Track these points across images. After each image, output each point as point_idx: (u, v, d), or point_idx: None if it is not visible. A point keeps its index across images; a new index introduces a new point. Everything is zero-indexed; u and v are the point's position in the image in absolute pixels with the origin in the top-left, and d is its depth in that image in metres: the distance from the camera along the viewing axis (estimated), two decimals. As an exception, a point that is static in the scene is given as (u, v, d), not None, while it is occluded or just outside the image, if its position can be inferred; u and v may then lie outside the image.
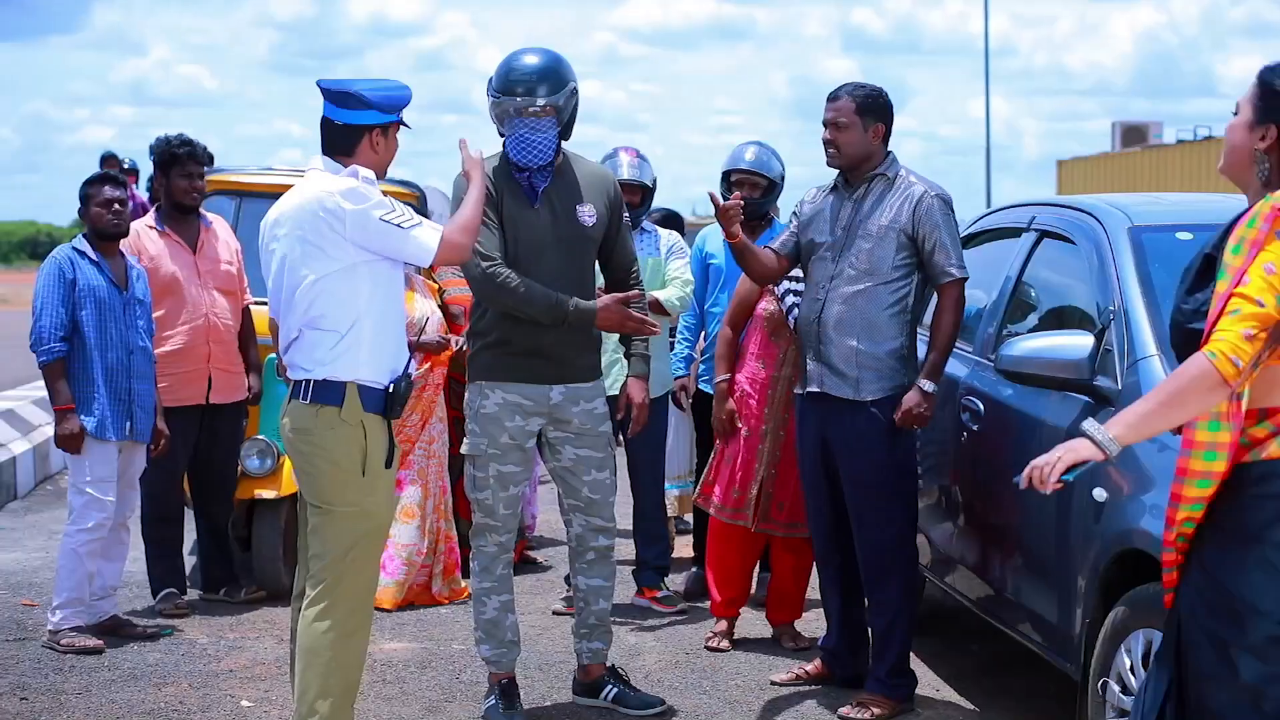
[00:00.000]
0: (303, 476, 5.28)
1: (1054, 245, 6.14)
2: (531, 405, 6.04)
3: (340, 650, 5.20)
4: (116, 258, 7.29)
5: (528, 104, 5.95)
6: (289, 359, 5.27)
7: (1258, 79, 4.03)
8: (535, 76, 5.98)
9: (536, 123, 5.96)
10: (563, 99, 5.99)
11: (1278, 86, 3.99)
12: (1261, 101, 4.01)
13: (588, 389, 6.15)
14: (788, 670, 6.70)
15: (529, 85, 5.98)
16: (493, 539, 6.15)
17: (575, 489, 6.20)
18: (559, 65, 6.03)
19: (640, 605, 7.95)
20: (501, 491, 6.09)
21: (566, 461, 6.16)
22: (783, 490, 6.97)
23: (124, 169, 19.14)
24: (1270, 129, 4.01)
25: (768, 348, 6.99)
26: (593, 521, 6.24)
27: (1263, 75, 4.03)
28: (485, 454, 6.07)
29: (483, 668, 6.45)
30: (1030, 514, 5.58)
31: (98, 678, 6.65)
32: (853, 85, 6.25)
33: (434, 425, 8.17)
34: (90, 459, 7.07)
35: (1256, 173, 4.06)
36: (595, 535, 6.26)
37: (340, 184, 5.14)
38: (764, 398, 6.96)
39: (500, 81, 6.01)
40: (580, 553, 6.30)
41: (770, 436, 6.95)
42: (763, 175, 7.89)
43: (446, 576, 8.10)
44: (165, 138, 7.89)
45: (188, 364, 7.73)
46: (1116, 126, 40.60)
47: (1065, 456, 3.94)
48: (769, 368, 6.97)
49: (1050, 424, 5.46)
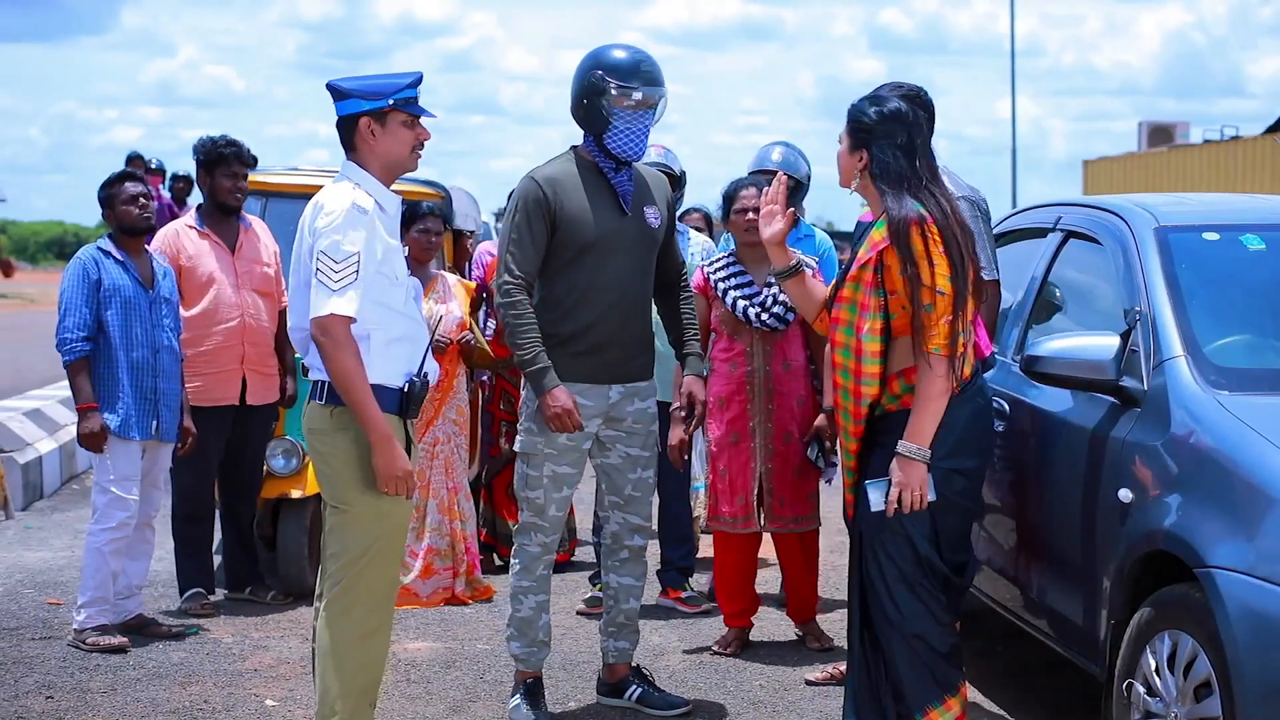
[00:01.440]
0: (321, 476, 5.29)
1: (1080, 245, 6.12)
2: (592, 406, 6.06)
3: (359, 650, 5.19)
4: (142, 256, 7.30)
5: (657, 94, 6.04)
6: (308, 360, 5.27)
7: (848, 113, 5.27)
8: (657, 67, 6.08)
9: (647, 115, 6.04)
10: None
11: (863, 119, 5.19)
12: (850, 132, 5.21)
13: (644, 387, 6.22)
14: (821, 670, 6.71)
15: (655, 75, 6.07)
16: (538, 539, 6.14)
17: (619, 486, 6.23)
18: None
19: (665, 605, 7.95)
20: (555, 492, 6.10)
21: (615, 459, 6.20)
22: (782, 485, 7.00)
23: (150, 169, 19.21)
24: (862, 154, 5.19)
25: (733, 347, 7.05)
26: (630, 520, 6.27)
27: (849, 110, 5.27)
28: (541, 453, 6.06)
29: (507, 667, 6.45)
30: (1055, 515, 5.56)
31: (123, 676, 6.67)
32: (892, 85, 6.23)
33: (439, 427, 8.17)
34: (114, 458, 7.09)
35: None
36: (631, 534, 6.29)
37: (333, 202, 5.12)
38: (745, 396, 7.00)
39: (630, 69, 6.02)
40: (614, 550, 6.32)
41: (760, 431, 6.99)
42: (790, 175, 7.88)
43: (468, 577, 8.10)
44: (210, 138, 7.91)
45: (223, 364, 7.75)
46: (1143, 126, 40.48)
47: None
48: (741, 365, 7.02)
49: (1076, 424, 5.44)
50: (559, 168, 6.07)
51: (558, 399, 5.88)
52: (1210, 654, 4.45)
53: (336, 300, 5.00)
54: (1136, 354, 5.22)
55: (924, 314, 4.99)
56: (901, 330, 5.08)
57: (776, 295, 6.92)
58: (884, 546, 5.14)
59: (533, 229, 5.94)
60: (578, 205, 5.99)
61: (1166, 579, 4.77)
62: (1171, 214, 5.77)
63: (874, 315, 5.08)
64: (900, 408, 5.14)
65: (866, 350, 5.10)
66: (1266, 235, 5.65)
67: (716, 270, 7.08)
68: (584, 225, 5.98)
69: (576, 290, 6.01)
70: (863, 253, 5.12)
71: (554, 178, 6.02)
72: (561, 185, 6.00)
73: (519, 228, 5.97)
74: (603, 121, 6.00)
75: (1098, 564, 5.22)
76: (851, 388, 5.16)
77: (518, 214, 5.99)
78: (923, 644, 5.15)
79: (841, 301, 5.18)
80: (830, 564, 8.64)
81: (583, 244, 5.98)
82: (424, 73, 5.28)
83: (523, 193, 6.01)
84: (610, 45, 6.11)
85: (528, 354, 5.89)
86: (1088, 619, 5.32)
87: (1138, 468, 5.01)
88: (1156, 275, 5.39)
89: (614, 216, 6.04)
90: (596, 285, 6.01)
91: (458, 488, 8.19)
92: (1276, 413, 4.77)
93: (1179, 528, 4.65)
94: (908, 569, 5.12)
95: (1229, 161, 29.05)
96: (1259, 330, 5.44)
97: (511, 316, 5.91)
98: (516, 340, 5.91)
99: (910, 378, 5.10)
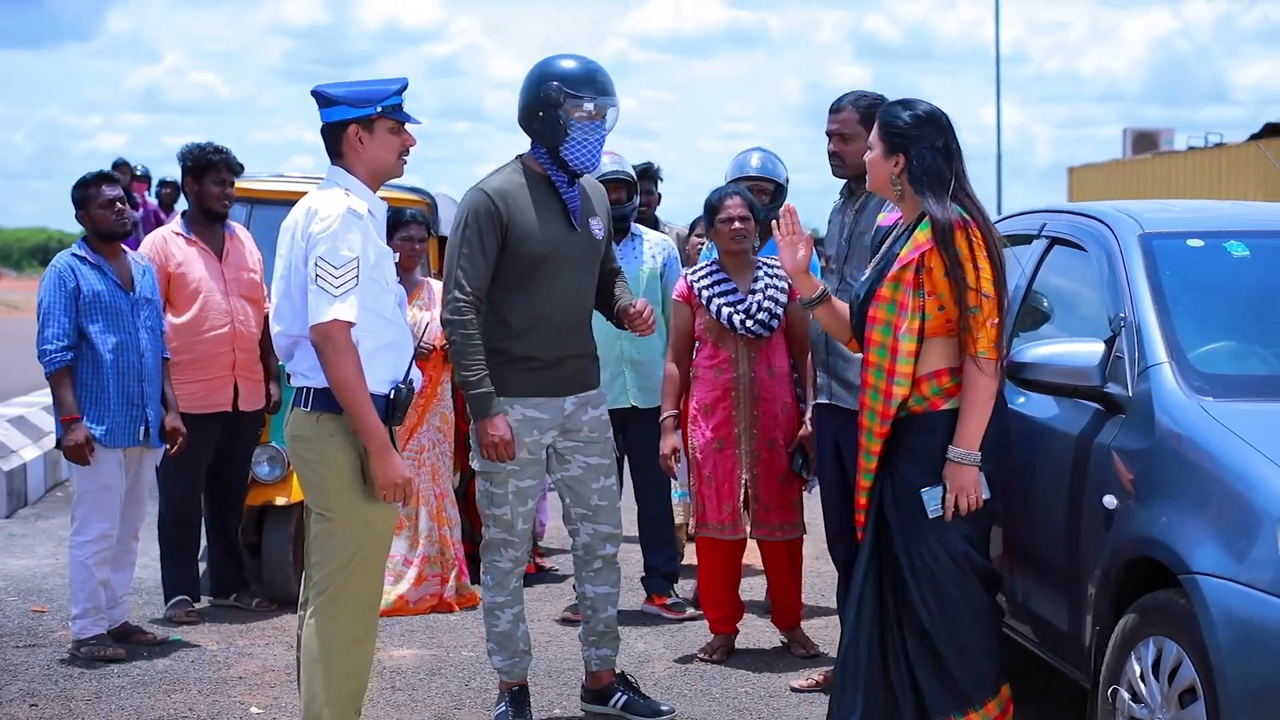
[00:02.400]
0: (305, 484, 5.28)
1: (1065, 252, 6.13)
2: (548, 419, 6.03)
3: (345, 657, 5.18)
4: (119, 258, 7.25)
5: (611, 103, 6.01)
6: (291, 367, 5.26)
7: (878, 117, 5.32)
8: (609, 77, 6.05)
9: (600, 126, 6.00)
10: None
11: (899, 124, 5.20)
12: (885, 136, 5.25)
13: (594, 395, 6.19)
14: (807, 677, 6.71)
15: (609, 86, 6.04)
16: (508, 554, 6.11)
17: (584, 497, 6.18)
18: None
19: (649, 612, 7.95)
20: (520, 506, 6.07)
21: (576, 471, 6.15)
22: (767, 491, 7.01)
23: (135, 176, 19.18)
24: (899, 158, 5.20)
25: (718, 354, 7.06)
26: (601, 529, 6.22)
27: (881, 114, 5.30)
28: (504, 470, 6.00)
29: (492, 675, 6.45)
30: (1040, 521, 5.56)
31: (107, 684, 6.65)
32: (855, 95, 6.28)
33: (424, 434, 8.17)
34: (96, 467, 7.04)
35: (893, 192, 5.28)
36: (604, 543, 6.24)
37: (328, 207, 5.12)
38: (729, 402, 7.00)
39: (587, 79, 5.98)
40: (588, 561, 6.26)
41: (744, 438, 6.99)
42: (770, 180, 7.93)
43: (457, 582, 8.10)
44: (198, 144, 7.88)
45: (215, 371, 7.75)
46: (1128, 133, 40.53)
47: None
48: (725, 371, 7.03)
49: (1061, 431, 5.45)
50: (507, 179, 6.00)
51: (498, 428, 5.85)
52: (1195, 660, 4.45)
53: (339, 306, 4.99)
54: (1121, 360, 5.23)
55: (970, 317, 5.02)
56: (934, 331, 5.11)
57: (760, 303, 6.93)
58: (925, 549, 5.14)
59: (484, 243, 5.87)
60: (528, 219, 5.93)
61: (1151, 585, 4.77)
62: (1156, 221, 5.78)
63: (912, 315, 5.09)
64: (928, 409, 5.16)
65: (903, 350, 5.11)
66: (1250, 242, 5.67)
67: (700, 279, 7.08)
68: (535, 239, 5.93)
69: (527, 305, 5.96)
70: (905, 252, 5.13)
71: (504, 190, 5.95)
72: (512, 198, 5.94)
73: (470, 242, 5.87)
74: (560, 133, 5.93)
75: (1082, 570, 5.23)
76: (884, 387, 5.15)
77: (468, 228, 5.89)
78: (953, 649, 5.15)
79: (880, 301, 5.18)
80: (815, 570, 8.64)
81: (534, 258, 5.93)
82: (409, 79, 5.28)
83: (473, 205, 5.93)
84: (560, 55, 6.06)
85: (473, 376, 5.84)
86: (1073, 625, 5.32)
87: (1122, 474, 5.01)
88: (1141, 282, 5.39)
89: (564, 230, 6.00)
90: (548, 299, 5.97)
91: (444, 494, 8.19)
92: (1261, 419, 4.78)
93: (1164, 534, 4.66)
94: (947, 570, 5.14)
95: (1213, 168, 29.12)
96: (1243, 336, 5.44)
97: (460, 336, 5.84)
98: (463, 361, 5.85)
99: (941, 380, 5.13)
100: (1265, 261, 5.69)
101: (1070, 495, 5.31)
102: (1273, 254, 5.74)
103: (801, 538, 7.18)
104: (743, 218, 7.01)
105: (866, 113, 6.13)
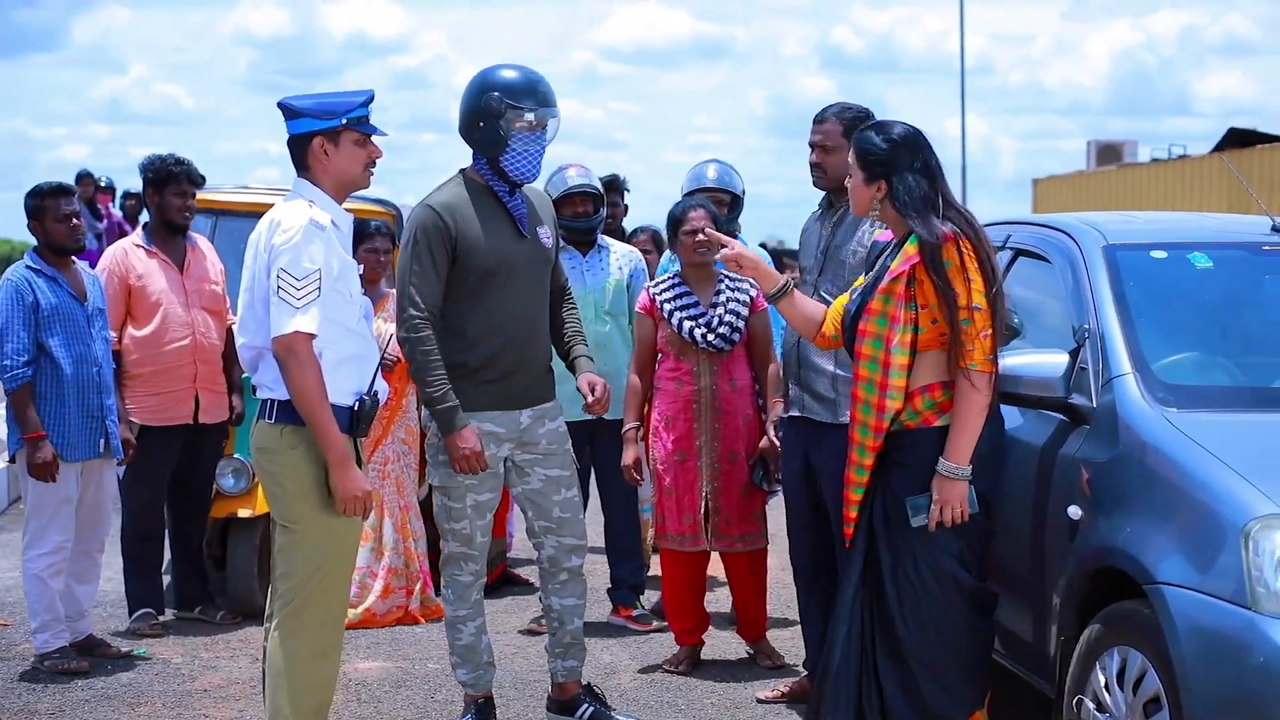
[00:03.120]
0: (269, 496, 5.26)
1: (1029, 264, 6.15)
2: (504, 432, 6.00)
3: (310, 670, 5.17)
4: (71, 269, 7.18)
5: (552, 114, 5.96)
6: (256, 379, 5.24)
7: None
8: (551, 88, 6.00)
9: (541, 136, 5.95)
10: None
11: (875, 150, 5.21)
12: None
13: (550, 408, 6.15)
14: (773, 688, 6.70)
15: (550, 96, 5.98)
16: (469, 568, 6.08)
17: (546, 510, 6.14)
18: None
19: (615, 624, 7.94)
20: (479, 520, 6.03)
21: (536, 484, 6.11)
22: (728, 504, 7.01)
23: (99, 187, 19.10)
24: (880, 185, 5.20)
25: (679, 367, 7.07)
26: (565, 541, 6.17)
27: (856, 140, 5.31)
28: (462, 484, 5.97)
29: (458, 687, 6.43)
30: (1006, 532, 5.58)
31: (71, 697, 6.62)
32: (840, 106, 6.26)
33: (389, 446, 8.15)
34: (56, 481, 6.97)
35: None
36: (569, 555, 6.19)
37: (290, 219, 5.11)
38: (690, 414, 7.00)
39: (527, 90, 5.93)
40: (553, 574, 6.22)
41: (706, 450, 6.99)
42: (727, 191, 7.96)
43: (422, 595, 8.08)
44: (159, 156, 7.83)
45: (176, 383, 7.69)
46: (1092, 145, 40.67)
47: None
48: (687, 384, 7.03)
49: (1025, 442, 5.46)
50: (452, 193, 5.96)
51: (467, 440, 5.82)
52: (1159, 670, 4.47)
53: (300, 318, 4.98)
54: (1085, 371, 5.25)
55: (961, 330, 4.99)
56: (927, 345, 5.08)
57: (722, 316, 6.93)
58: (911, 565, 5.11)
59: (435, 258, 5.83)
60: (476, 231, 5.90)
61: (1116, 595, 4.79)
62: (1120, 232, 5.81)
63: (904, 329, 5.06)
64: (921, 425, 5.12)
65: (895, 363, 5.07)
66: (1214, 253, 5.69)
67: (662, 291, 7.09)
68: (484, 251, 5.89)
69: (480, 318, 5.93)
70: (896, 265, 5.10)
71: (450, 204, 5.90)
72: (459, 211, 5.90)
73: (420, 258, 5.83)
74: (500, 144, 5.89)
75: (1047, 580, 5.24)
76: (875, 401, 5.11)
77: (417, 244, 5.85)
78: (923, 667, 5.11)
79: (870, 314, 5.14)
80: (781, 582, 8.64)
81: (484, 270, 5.89)
82: (376, 90, 5.28)
83: (420, 222, 5.88)
84: (501, 65, 6.01)
85: (436, 391, 5.79)
86: (1038, 635, 5.34)
87: (1087, 485, 5.03)
88: (1105, 293, 5.41)
89: (512, 240, 5.96)
90: (501, 311, 5.94)
91: (409, 506, 8.17)
92: (1224, 430, 4.81)
93: (1128, 544, 4.67)
94: (929, 589, 5.10)
95: (1177, 180, 29.22)
96: (1207, 348, 5.47)
97: (421, 353, 5.80)
98: (426, 377, 5.80)
99: (934, 394, 5.10)
100: (1228, 273, 5.72)
101: (1035, 506, 5.33)
102: (1236, 265, 5.78)
103: (765, 549, 7.18)
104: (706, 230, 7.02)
105: (850, 124, 6.08)
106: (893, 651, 5.14)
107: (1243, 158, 24.60)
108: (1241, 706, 4.24)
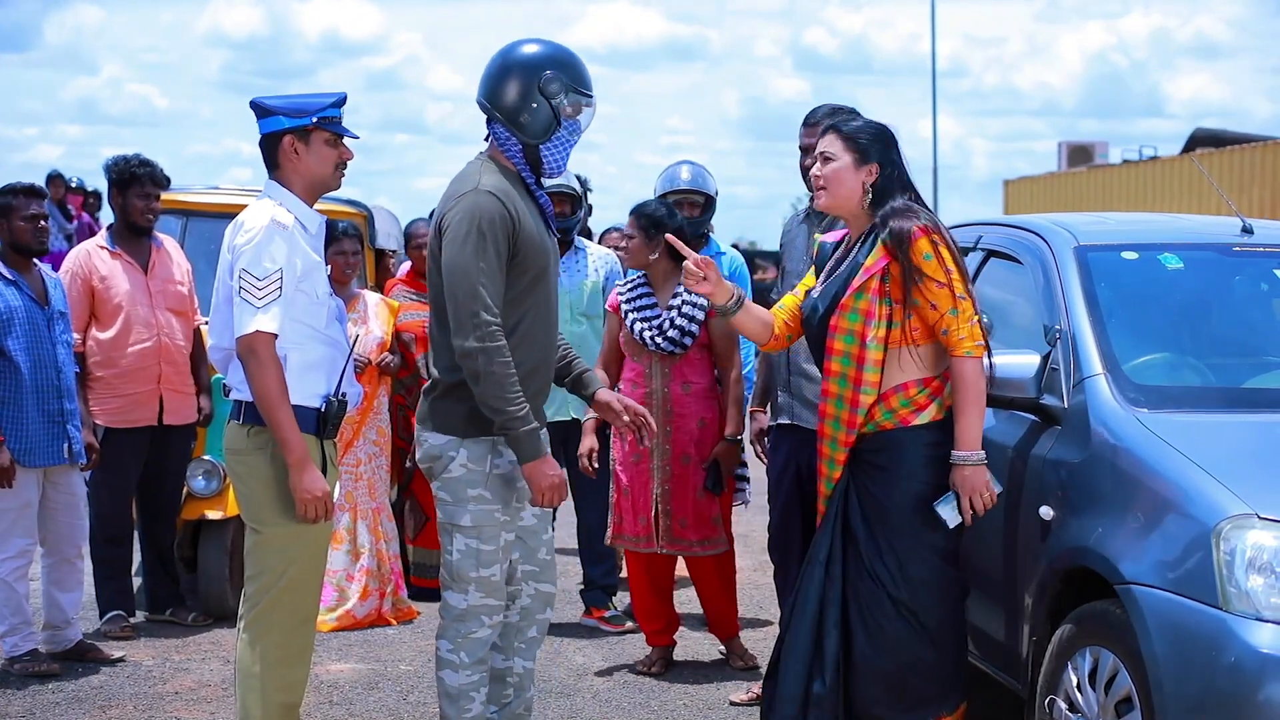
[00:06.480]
0: (240, 497, 5.25)
1: (1001, 265, 6.16)
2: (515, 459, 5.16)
3: (280, 672, 5.15)
4: (32, 271, 7.12)
5: (591, 102, 5.27)
6: (229, 380, 5.23)
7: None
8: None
9: (579, 128, 5.24)
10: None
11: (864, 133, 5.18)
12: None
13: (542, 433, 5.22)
14: (746, 691, 6.70)
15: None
16: (490, 621, 5.19)
17: (533, 549, 5.35)
18: None
19: (588, 625, 7.94)
20: (506, 561, 5.22)
21: (529, 520, 5.31)
22: (680, 507, 6.98)
23: (70, 188, 19.05)
24: (873, 167, 5.16)
25: (634, 368, 7.09)
26: (543, 589, 5.39)
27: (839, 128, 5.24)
28: (497, 522, 5.13)
29: (431, 689, 6.42)
30: (977, 532, 5.58)
31: (41, 700, 6.59)
32: (829, 108, 6.25)
33: (360, 448, 8.13)
34: (16, 487, 6.88)
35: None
36: (544, 607, 5.41)
37: (252, 220, 5.10)
38: None
39: (587, 77, 5.21)
40: (522, 629, 5.38)
41: (658, 452, 6.98)
42: (700, 193, 7.94)
43: (394, 597, 8.07)
44: (124, 157, 7.79)
45: (140, 385, 7.65)
46: (1063, 146, 40.76)
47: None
48: (640, 386, 7.04)
49: (997, 442, 5.47)
50: (499, 180, 5.09)
51: (554, 467, 5.03)
52: (1131, 669, 4.48)
53: (261, 317, 4.97)
54: (1057, 372, 5.26)
55: (949, 318, 4.98)
56: (898, 342, 5.06)
57: (674, 319, 6.92)
58: (897, 565, 5.07)
59: (500, 255, 4.98)
60: (531, 226, 5.09)
61: (1087, 595, 4.80)
62: (1091, 233, 5.82)
63: (879, 324, 5.05)
64: (899, 424, 5.10)
65: (869, 359, 5.06)
66: (1184, 254, 5.71)
67: (625, 292, 7.11)
68: (538, 249, 5.11)
69: (523, 326, 5.10)
70: (872, 261, 5.08)
71: (507, 191, 5.05)
72: (514, 201, 5.06)
73: (486, 254, 4.95)
74: (551, 129, 5.14)
75: (1019, 581, 5.25)
76: (849, 396, 5.09)
77: (484, 237, 4.95)
78: (902, 673, 5.08)
79: (843, 310, 5.12)
80: (754, 583, 8.65)
81: (536, 271, 5.10)
82: (349, 92, 5.26)
83: (484, 211, 4.97)
84: (547, 41, 5.24)
85: (519, 409, 4.92)
86: (1010, 635, 5.35)
87: (1058, 485, 5.04)
88: (1076, 294, 5.43)
89: (549, 237, 5.23)
90: (540, 317, 5.17)
91: (380, 508, 8.15)
92: (1194, 430, 4.83)
93: (1099, 544, 4.69)
94: (903, 596, 5.06)
95: (1147, 181, 29.29)
96: (1177, 348, 5.49)
97: (499, 364, 4.89)
98: (506, 394, 4.89)
99: (909, 392, 5.08)
100: (1199, 274, 5.74)
101: (1007, 506, 5.34)
102: (1206, 266, 5.80)
103: (730, 551, 7.15)
104: (629, 235, 7.06)
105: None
106: (863, 648, 5.10)
107: (1212, 159, 24.69)
108: (1213, 706, 4.25)
